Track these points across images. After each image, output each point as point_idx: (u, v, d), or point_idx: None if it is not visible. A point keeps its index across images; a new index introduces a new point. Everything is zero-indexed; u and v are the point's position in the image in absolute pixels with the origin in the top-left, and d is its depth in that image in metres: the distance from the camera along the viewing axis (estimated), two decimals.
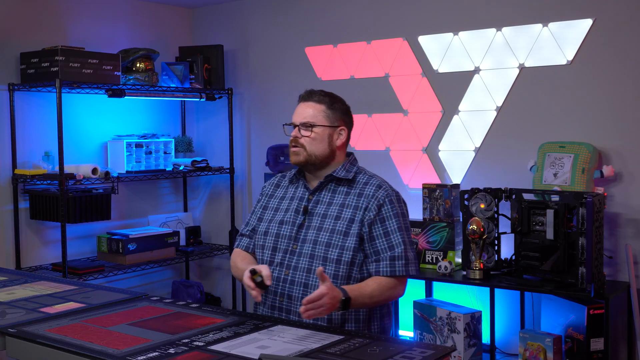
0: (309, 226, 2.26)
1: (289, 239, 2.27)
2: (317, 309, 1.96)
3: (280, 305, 2.23)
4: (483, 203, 3.60)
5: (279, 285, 2.23)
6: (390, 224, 2.21)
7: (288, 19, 4.78)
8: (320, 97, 2.31)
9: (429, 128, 4.17)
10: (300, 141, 2.28)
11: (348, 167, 2.32)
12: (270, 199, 2.43)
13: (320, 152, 2.28)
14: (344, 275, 2.18)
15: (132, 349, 1.79)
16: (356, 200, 2.25)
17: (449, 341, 3.60)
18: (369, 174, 2.34)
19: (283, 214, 2.33)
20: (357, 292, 2.10)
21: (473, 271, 3.55)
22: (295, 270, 2.22)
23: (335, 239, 2.20)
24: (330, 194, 2.29)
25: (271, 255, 2.28)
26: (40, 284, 2.60)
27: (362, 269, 2.21)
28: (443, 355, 1.77)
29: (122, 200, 4.70)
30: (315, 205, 2.29)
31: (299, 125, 2.30)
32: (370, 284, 2.16)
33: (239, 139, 5.04)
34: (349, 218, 2.22)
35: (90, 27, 4.54)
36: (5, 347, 1.97)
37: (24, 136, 4.20)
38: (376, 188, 2.26)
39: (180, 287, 4.86)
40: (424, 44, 4.17)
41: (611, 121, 3.57)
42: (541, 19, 3.74)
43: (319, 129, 2.28)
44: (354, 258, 2.19)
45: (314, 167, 2.31)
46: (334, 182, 2.31)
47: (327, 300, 1.97)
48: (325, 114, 2.29)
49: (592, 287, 3.14)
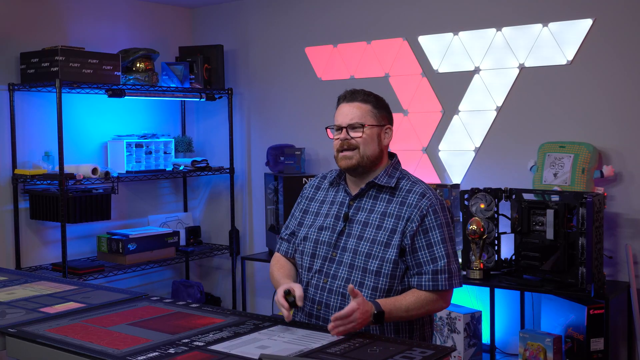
0: (349, 234, 2.19)
1: (328, 245, 2.21)
2: (346, 325, 1.92)
3: (317, 313, 2.18)
4: (483, 203, 3.60)
5: (317, 293, 2.19)
6: (433, 235, 2.13)
7: (288, 19, 4.78)
8: (365, 97, 2.23)
9: (429, 128, 4.17)
10: (352, 142, 2.18)
11: (391, 171, 2.24)
12: (311, 202, 2.35)
13: (372, 152, 2.19)
14: (383, 287, 2.11)
15: (132, 349, 1.79)
16: (398, 209, 2.16)
17: (449, 341, 3.60)
18: (412, 179, 2.25)
19: (323, 219, 2.26)
20: (392, 306, 2.04)
21: (473, 271, 3.55)
22: (334, 279, 2.16)
23: (376, 249, 2.13)
24: (372, 201, 2.22)
25: (310, 262, 2.23)
26: (40, 284, 2.60)
27: (403, 281, 2.14)
28: (443, 355, 1.77)
29: (122, 200, 4.70)
30: (356, 212, 2.22)
31: (346, 127, 2.20)
32: (407, 298, 2.09)
33: (239, 139, 5.04)
34: (390, 228, 2.14)
35: (90, 27, 4.54)
36: (5, 347, 1.97)
37: (24, 136, 4.20)
38: (419, 197, 2.16)
39: (180, 287, 4.86)
40: (424, 44, 4.17)
41: (611, 121, 3.57)
42: (541, 19, 3.74)
43: (369, 129, 2.19)
44: (394, 270, 2.11)
45: (364, 170, 2.22)
46: (376, 188, 2.23)
47: (358, 315, 1.93)
48: (372, 113, 2.21)
49: (592, 287, 3.14)
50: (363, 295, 2.01)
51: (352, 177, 2.27)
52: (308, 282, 2.21)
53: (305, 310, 2.20)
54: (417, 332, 2.19)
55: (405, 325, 2.15)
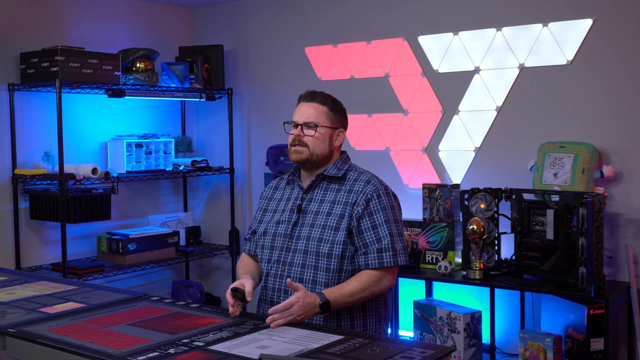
0: (302, 223, 2.34)
1: (284, 236, 2.35)
2: (286, 318, 2.04)
3: (278, 300, 2.29)
4: (483, 203, 3.60)
5: (276, 282, 2.33)
6: (377, 217, 2.28)
7: (288, 19, 4.78)
8: (323, 99, 2.40)
9: (429, 128, 4.17)
10: (304, 140, 2.35)
11: (339, 165, 2.40)
12: (270, 202, 2.51)
13: (322, 151, 2.37)
14: (335, 268, 2.25)
15: (132, 349, 1.79)
16: (346, 196, 2.32)
17: (449, 341, 3.60)
18: (360, 171, 2.41)
19: (280, 215, 2.41)
20: (337, 294, 2.17)
21: (473, 271, 3.55)
22: (291, 266, 2.31)
23: (327, 234, 2.28)
24: (322, 192, 2.38)
25: (269, 254, 2.38)
26: (40, 284, 2.60)
27: (353, 261, 2.28)
28: (443, 355, 1.77)
29: (122, 200, 4.71)
30: (309, 203, 2.37)
31: (301, 124, 2.37)
32: (351, 283, 2.23)
33: (239, 139, 5.04)
34: (339, 214, 2.30)
35: (90, 27, 4.54)
36: (5, 347, 1.97)
37: (24, 136, 4.20)
38: (365, 183, 2.33)
39: (180, 287, 4.86)
40: (424, 44, 4.17)
41: (611, 121, 3.57)
42: (541, 19, 3.74)
43: (322, 130, 2.36)
44: (344, 251, 2.26)
45: (312, 166, 2.39)
46: (326, 180, 2.39)
47: (297, 308, 2.05)
48: (327, 115, 2.38)
49: (592, 287, 3.14)
50: (306, 287, 2.19)
51: (305, 173, 2.43)
52: (268, 272, 2.36)
53: (268, 299, 2.35)
54: (371, 313, 2.32)
55: (358, 307, 2.28)
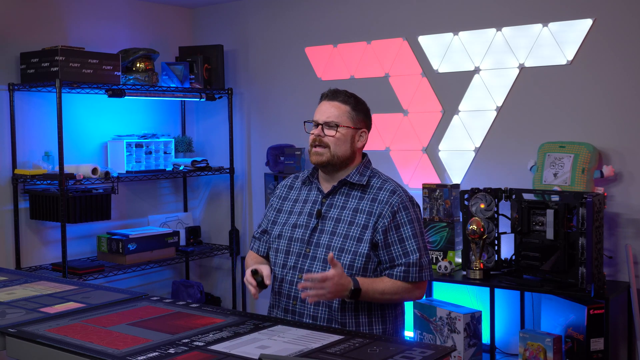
0: (322, 230, 2.25)
1: (302, 242, 2.26)
2: (317, 291, 1.99)
3: (293, 308, 2.23)
4: (483, 203, 3.60)
5: (292, 289, 2.24)
6: (405, 231, 2.21)
7: (288, 19, 4.78)
8: (345, 98, 2.28)
9: (429, 128, 4.17)
10: (324, 140, 2.24)
11: (362, 170, 2.30)
12: (284, 202, 2.40)
13: (343, 153, 2.26)
14: None
15: (132, 349, 1.78)
16: (370, 205, 2.23)
17: (449, 341, 3.60)
18: (383, 178, 2.31)
19: (296, 217, 2.31)
20: (369, 286, 2.12)
21: (473, 271, 3.55)
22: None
23: (349, 244, 2.19)
24: (344, 198, 2.28)
25: (284, 259, 2.29)
26: (40, 284, 2.60)
27: (374, 274, 2.21)
28: (443, 355, 1.77)
29: (122, 200, 4.71)
30: (329, 209, 2.28)
31: (322, 124, 2.26)
32: (385, 281, 2.18)
33: (239, 139, 5.04)
34: (362, 224, 2.21)
35: (90, 27, 4.54)
36: (5, 347, 1.96)
37: (24, 136, 4.20)
38: (390, 193, 2.24)
39: (180, 287, 4.86)
40: (424, 44, 4.17)
41: (611, 121, 3.57)
42: (541, 19, 3.74)
43: (344, 130, 2.25)
44: (366, 264, 2.19)
45: (333, 168, 2.28)
46: (348, 186, 2.29)
47: (331, 284, 2.00)
48: (349, 115, 2.26)
49: (592, 287, 3.14)
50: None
51: (324, 175, 2.32)
52: (282, 278, 2.27)
53: (282, 306, 2.27)
54: (390, 324, 2.26)
55: (378, 317, 2.23)
